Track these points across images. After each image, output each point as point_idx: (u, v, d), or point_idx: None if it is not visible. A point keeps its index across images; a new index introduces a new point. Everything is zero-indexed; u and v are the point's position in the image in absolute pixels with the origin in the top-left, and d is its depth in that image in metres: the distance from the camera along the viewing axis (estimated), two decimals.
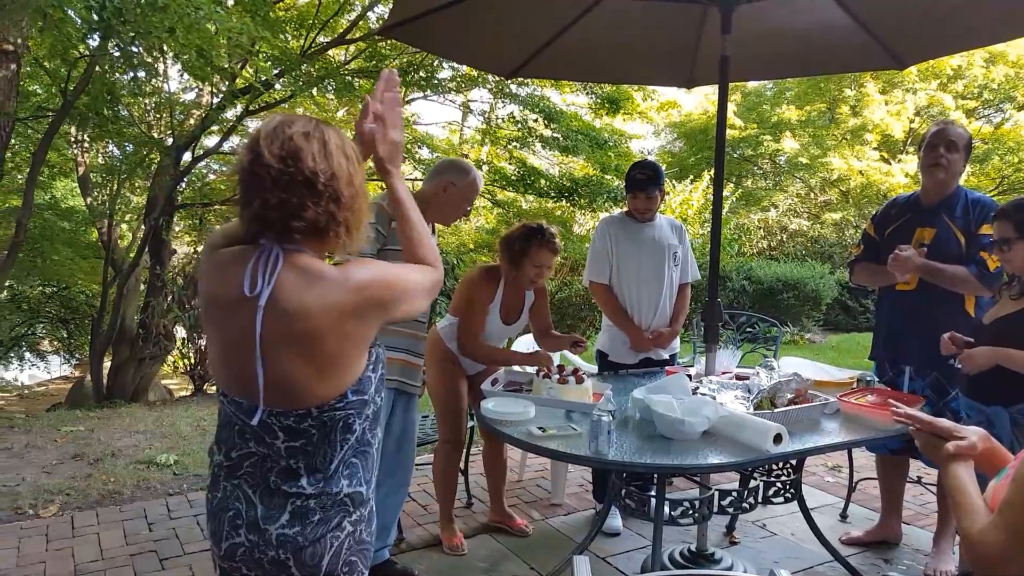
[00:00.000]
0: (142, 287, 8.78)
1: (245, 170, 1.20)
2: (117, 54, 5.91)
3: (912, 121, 14.21)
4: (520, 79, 7.88)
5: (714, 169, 2.96)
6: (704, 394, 2.41)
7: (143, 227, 8.46)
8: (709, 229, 12.15)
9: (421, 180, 10.76)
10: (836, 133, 14.78)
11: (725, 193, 12.37)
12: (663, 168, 3.33)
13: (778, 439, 2.03)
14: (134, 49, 5.99)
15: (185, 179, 8.42)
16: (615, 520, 3.15)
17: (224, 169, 9.83)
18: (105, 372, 8.18)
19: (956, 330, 2.41)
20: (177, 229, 9.47)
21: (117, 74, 6.49)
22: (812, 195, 16.13)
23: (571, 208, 9.54)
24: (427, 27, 2.95)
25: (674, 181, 12.12)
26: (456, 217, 2.75)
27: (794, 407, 2.31)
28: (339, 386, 1.23)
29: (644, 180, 3.10)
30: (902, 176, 13.40)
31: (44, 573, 2.77)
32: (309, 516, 1.26)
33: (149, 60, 6.35)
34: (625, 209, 3.33)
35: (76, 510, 3.40)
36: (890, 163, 14.17)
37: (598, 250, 3.22)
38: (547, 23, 3.13)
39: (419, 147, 10.09)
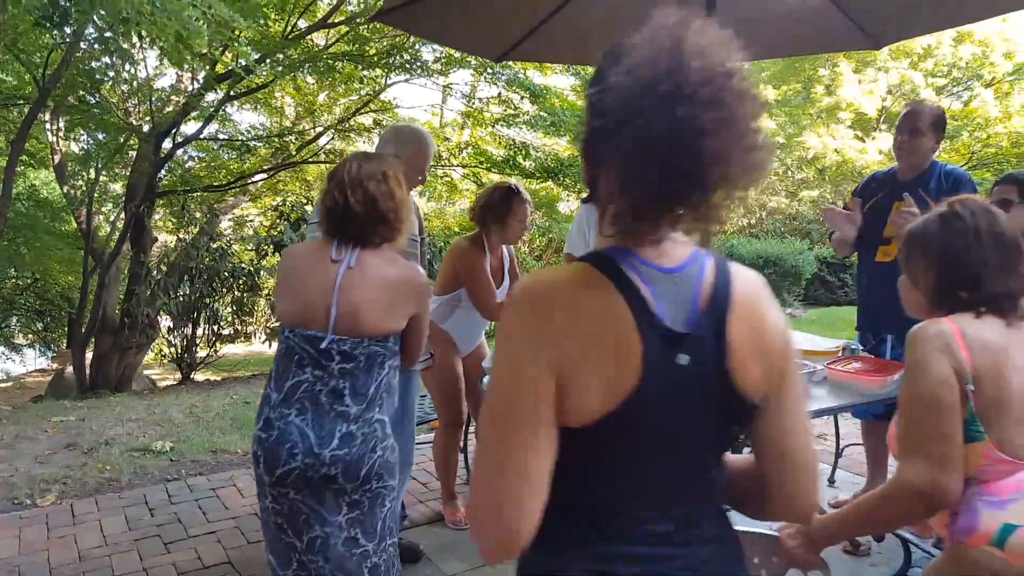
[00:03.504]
0: (123, 276, 8.67)
1: (338, 209, 1.72)
2: (93, 38, 5.81)
3: (884, 99, 14.43)
4: (506, 63, 7.86)
5: None
6: None
7: (123, 215, 8.35)
8: None
9: None
10: (811, 112, 14.96)
11: None
12: None
13: None
14: (108, 35, 5.90)
15: (166, 166, 8.30)
16: None
17: (203, 156, 9.72)
18: (87, 363, 8.10)
19: None
20: (157, 217, 9.35)
21: (94, 61, 6.36)
22: (789, 173, 16.34)
23: (556, 188, 9.58)
24: (417, 12, 2.96)
25: None
26: (414, 184, 2.63)
27: None
28: (386, 328, 1.74)
29: None
30: (876, 153, 13.62)
31: (48, 561, 2.79)
32: (353, 440, 1.68)
33: (126, 46, 6.24)
34: None
35: (75, 498, 3.41)
36: (864, 140, 14.38)
37: (574, 235, 3.39)
38: (536, 7, 3.15)
39: None
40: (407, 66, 7.68)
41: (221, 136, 9.43)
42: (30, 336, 12.92)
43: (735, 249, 10.87)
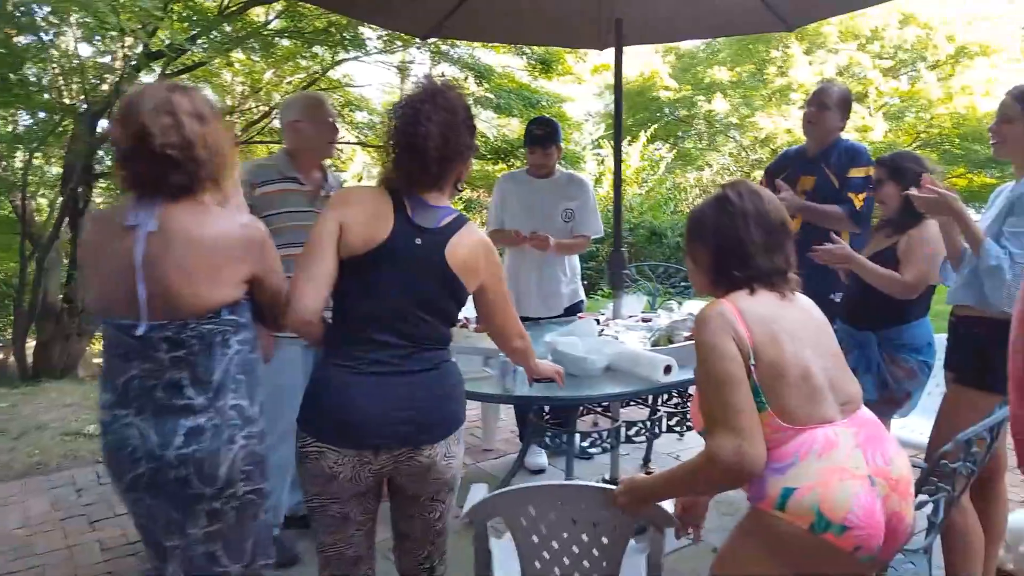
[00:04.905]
0: (64, 260, 8.45)
1: (126, 151, 1.40)
2: (19, 15, 5.62)
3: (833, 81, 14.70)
4: (453, 40, 7.83)
5: (614, 127, 3.13)
6: (608, 335, 2.57)
7: (61, 198, 8.11)
8: (646, 189, 12.19)
9: (355, 143, 10.63)
10: (764, 93, 15.18)
11: (663, 153, 12.70)
12: (560, 126, 3.38)
13: (668, 370, 2.21)
14: (36, 11, 5.73)
15: (103, 146, 8.07)
16: (540, 458, 3.33)
17: None
18: (30, 351, 7.91)
19: (832, 269, 2.58)
20: (100, 200, 9.11)
21: (21, 38, 6.15)
22: (744, 154, 16.60)
23: (508, 169, 9.61)
24: None
25: (611, 142, 12.30)
26: (328, 142, 2.57)
27: (688, 343, 2.49)
28: (211, 301, 1.42)
29: (541, 136, 3.20)
30: None
31: None
32: (202, 434, 1.42)
33: (55, 22, 6.05)
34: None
35: None
36: None
37: (492, 206, 3.44)
38: None
39: (352, 110, 9.93)
40: (347, 44, 7.58)
41: None
42: None
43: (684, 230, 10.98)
